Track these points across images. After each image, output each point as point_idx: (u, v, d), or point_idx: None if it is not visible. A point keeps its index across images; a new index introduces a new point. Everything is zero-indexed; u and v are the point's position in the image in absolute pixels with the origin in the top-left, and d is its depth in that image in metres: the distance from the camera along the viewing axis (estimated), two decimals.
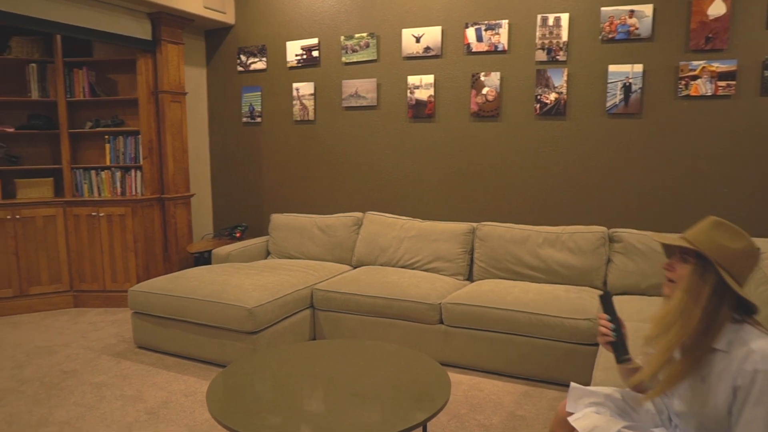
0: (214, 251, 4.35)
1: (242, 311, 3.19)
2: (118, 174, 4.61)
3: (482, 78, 4.08)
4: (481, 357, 3.24)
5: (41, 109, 4.66)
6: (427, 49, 4.25)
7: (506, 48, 3.99)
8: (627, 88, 3.67)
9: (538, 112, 3.94)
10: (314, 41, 4.69)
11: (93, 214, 4.50)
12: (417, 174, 4.43)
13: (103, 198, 4.55)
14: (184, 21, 4.64)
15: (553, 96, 3.87)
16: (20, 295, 4.41)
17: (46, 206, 4.43)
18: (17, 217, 4.33)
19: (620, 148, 3.76)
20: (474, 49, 4.09)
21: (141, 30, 4.41)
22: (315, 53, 4.70)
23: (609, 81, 3.70)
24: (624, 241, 3.49)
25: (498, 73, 4.02)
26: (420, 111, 4.33)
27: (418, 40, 4.27)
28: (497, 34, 3.99)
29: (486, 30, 4.03)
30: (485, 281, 3.68)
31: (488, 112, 4.10)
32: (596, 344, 2.88)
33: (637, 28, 3.60)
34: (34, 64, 4.47)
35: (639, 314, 2.97)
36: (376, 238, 4.21)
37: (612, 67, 3.69)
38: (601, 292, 1.69)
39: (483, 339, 3.23)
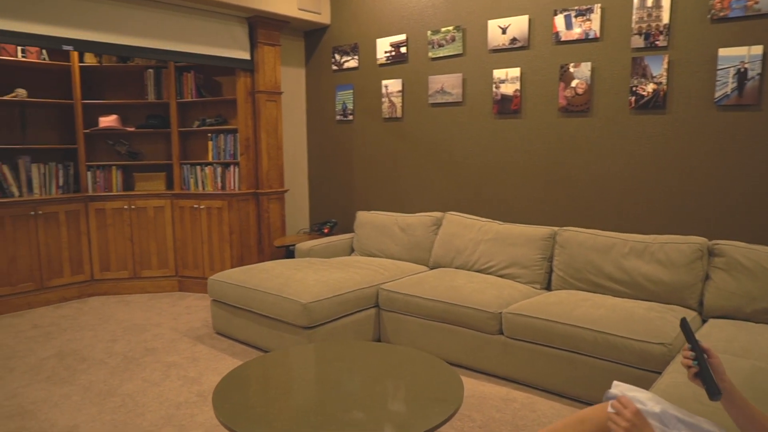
0: (297, 246, 4.49)
1: (297, 306, 3.24)
2: (219, 169, 4.95)
3: (571, 69, 3.72)
4: (541, 374, 2.96)
5: (157, 110, 5.17)
6: (514, 40, 3.97)
7: (598, 35, 3.59)
8: (742, 75, 3.11)
9: (633, 105, 3.50)
10: (402, 37, 4.62)
11: (194, 206, 4.88)
12: (501, 173, 4.17)
13: (206, 192, 4.92)
14: (280, 23, 4.84)
15: (650, 87, 3.41)
16: (134, 277, 4.93)
17: (156, 198, 4.90)
18: (132, 207, 4.84)
19: (731, 146, 3.20)
20: (563, 38, 3.74)
21: (241, 51, 4.73)
22: (403, 49, 4.63)
23: (719, 67, 3.17)
24: (727, 255, 2.97)
25: (589, 64, 3.64)
26: (505, 106, 4.08)
27: (504, 31, 4.02)
28: (588, 20, 3.61)
29: (576, 16, 3.66)
30: (556, 292, 3.36)
31: (577, 107, 3.73)
32: None
33: (756, 2, 3.02)
34: (151, 70, 4.96)
35: (730, 344, 2.50)
36: (453, 240, 4.05)
37: (723, 51, 3.14)
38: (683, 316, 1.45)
39: (544, 355, 2.94)
